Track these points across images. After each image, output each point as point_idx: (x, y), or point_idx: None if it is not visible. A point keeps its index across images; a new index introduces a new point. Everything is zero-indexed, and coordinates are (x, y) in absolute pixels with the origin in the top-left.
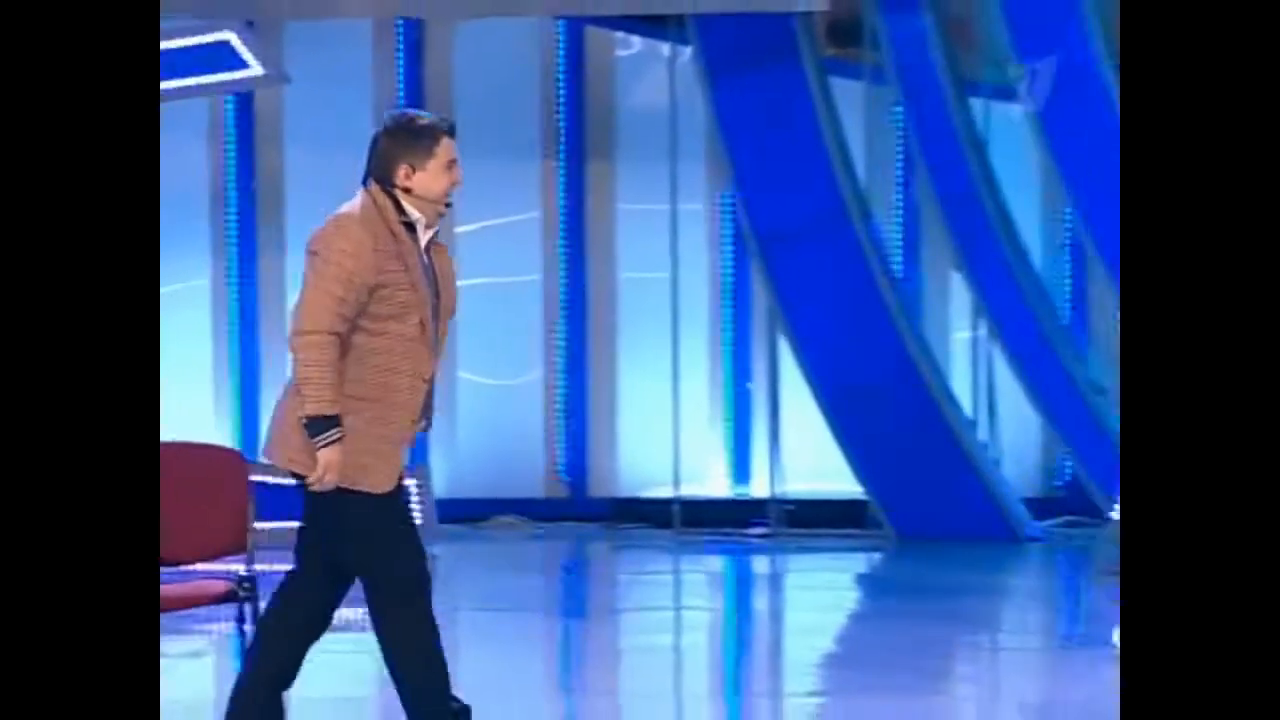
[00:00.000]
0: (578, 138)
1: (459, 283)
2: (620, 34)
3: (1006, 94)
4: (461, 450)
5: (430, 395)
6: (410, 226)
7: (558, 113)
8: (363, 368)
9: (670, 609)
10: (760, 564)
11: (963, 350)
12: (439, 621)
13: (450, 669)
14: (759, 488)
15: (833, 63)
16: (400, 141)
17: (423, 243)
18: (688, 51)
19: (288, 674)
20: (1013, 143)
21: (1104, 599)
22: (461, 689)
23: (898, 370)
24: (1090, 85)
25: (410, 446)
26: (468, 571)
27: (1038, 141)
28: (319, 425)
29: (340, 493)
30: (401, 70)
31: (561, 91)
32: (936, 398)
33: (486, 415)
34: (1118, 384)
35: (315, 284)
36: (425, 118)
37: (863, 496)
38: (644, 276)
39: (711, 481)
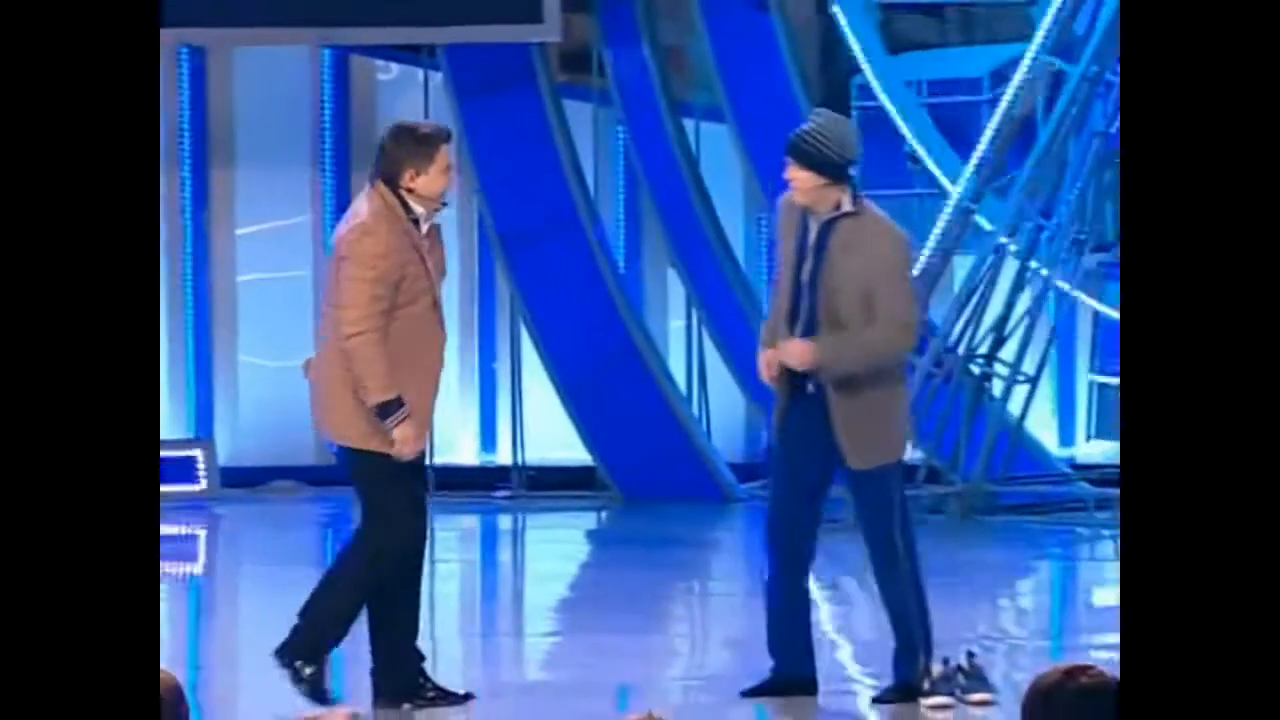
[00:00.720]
0: (343, 151)
1: (245, 278)
2: (380, 61)
3: (714, 114)
4: (243, 423)
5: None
6: (415, 221)
7: (325, 129)
8: (389, 349)
9: (426, 561)
10: (505, 522)
11: (678, 336)
12: (222, 573)
13: (232, 616)
14: (503, 456)
15: (565, 87)
16: (405, 148)
17: (422, 231)
18: (439, 76)
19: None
20: (720, 156)
21: None
22: (242, 633)
23: (622, 353)
24: (786, 103)
25: (433, 414)
26: (249, 530)
27: (741, 155)
28: (388, 409)
29: (374, 456)
30: (186, 92)
31: (329, 111)
32: (655, 376)
33: (265, 393)
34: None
35: (354, 287)
36: (426, 127)
37: (593, 463)
38: None
39: (462, 450)
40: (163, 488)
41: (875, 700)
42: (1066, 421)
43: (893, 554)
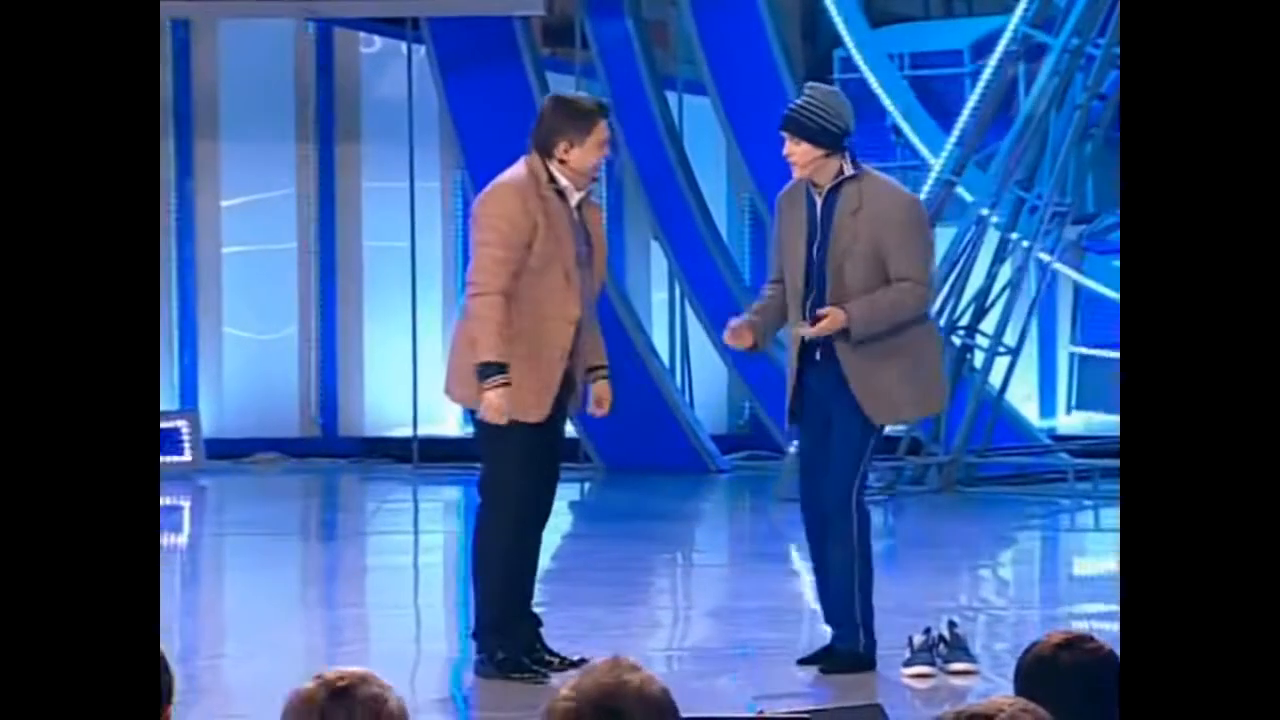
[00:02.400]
0: (328, 124)
1: (229, 249)
2: (364, 34)
3: (697, 88)
4: (227, 395)
5: (579, 339)
6: (559, 191)
7: (310, 102)
8: (514, 313)
9: (409, 532)
10: None
11: (661, 308)
12: (207, 542)
13: (221, 585)
14: None
15: (549, 60)
16: (564, 120)
17: (573, 204)
18: (423, 49)
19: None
20: (703, 129)
21: (780, 522)
22: (228, 603)
23: (605, 325)
24: (768, 77)
25: (559, 384)
26: (233, 501)
27: (723, 128)
28: (489, 370)
29: (493, 424)
30: (172, 65)
31: (313, 84)
32: (639, 349)
33: (249, 365)
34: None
35: (481, 249)
36: (585, 101)
37: (576, 435)
38: (386, 245)
39: (445, 422)
40: None
41: (800, 662)
42: (1047, 393)
43: (847, 513)
